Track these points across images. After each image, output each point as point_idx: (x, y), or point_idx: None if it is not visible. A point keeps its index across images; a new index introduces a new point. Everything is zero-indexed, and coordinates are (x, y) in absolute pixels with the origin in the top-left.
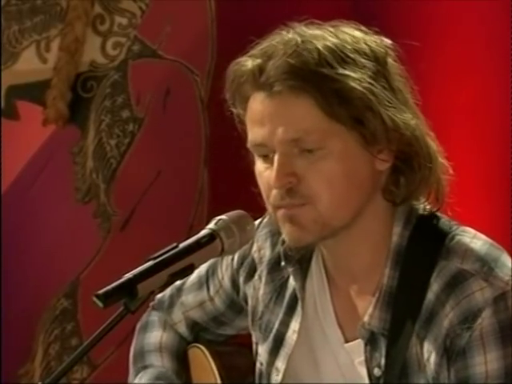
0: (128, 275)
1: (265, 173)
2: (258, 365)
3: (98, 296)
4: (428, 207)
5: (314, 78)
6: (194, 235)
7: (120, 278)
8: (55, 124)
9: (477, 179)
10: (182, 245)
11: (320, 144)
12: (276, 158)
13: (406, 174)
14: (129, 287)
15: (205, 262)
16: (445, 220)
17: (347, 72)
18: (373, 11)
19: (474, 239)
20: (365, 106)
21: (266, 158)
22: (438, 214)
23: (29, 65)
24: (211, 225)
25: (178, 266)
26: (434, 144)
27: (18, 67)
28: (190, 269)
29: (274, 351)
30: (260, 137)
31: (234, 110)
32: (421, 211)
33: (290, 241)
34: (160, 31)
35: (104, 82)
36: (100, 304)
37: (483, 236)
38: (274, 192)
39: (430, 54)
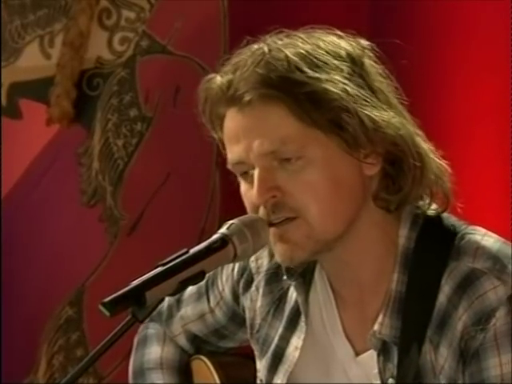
0: (136, 282)
1: (248, 192)
2: (258, 381)
3: (104, 304)
4: (435, 207)
5: (284, 84)
6: (205, 240)
7: (127, 286)
8: (59, 123)
9: (501, 180)
10: (192, 250)
11: (299, 153)
12: (256, 173)
13: (397, 178)
14: (136, 295)
15: (216, 268)
16: (453, 220)
17: (318, 75)
18: (391, 9)
19: (485, 237)
20: (340, 107)
21: (247, 176)
22: (446, 213)
23: (32, 61)
24: (223, 229)
25: (189, 273)
26: (425, 144)
27: (20, 63)
28: (200, 276)
29: (273, 368)
30: (237, 154)
31: (215, 136)
32: (427, 212)
33: (283, 261)
34: (170, 26)
35: (111, 80)
36: (106, 312)
37: (494, 234)
38: (261, 210)
39: (453, 55)
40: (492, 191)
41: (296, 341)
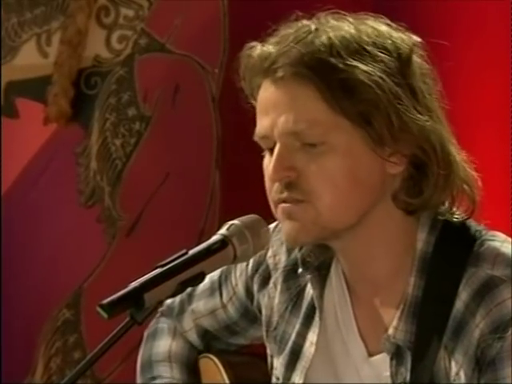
0: (134, 284)
1: (268, 167)
2: (273, 379)
3: (102, 306)
4: (456, 212)
5: (319, 66)
6: (204, 241)
7: (126, 287)
8: (57, 123)
9: (503, 183)
10: (191, 251)
11: (322, 138)
12: (275, 149)
13: (419, 182)
14: (135, 297)
15: (216, 269)
16: (473, 225)
17: (356, 63)
18: (395, 8)
19: (505, 243)
20: (371, 101)
21: (271, 152)
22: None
23: (29, 59)
24: (223, 230)
25: (188, 274)
26: (457, 152)
27: (17, 62)
28: (200, 277)
29: (291, 365)
30: (263, 128)
31: (254, 103)
32: (447, 216)
33: (288, 239)
34: (169, 24)
35: (109, 78)
36: (104, 315)
37: None
38: (275, 186)
39: (455, 55)
40: (493, 191)
41: (311, 336)
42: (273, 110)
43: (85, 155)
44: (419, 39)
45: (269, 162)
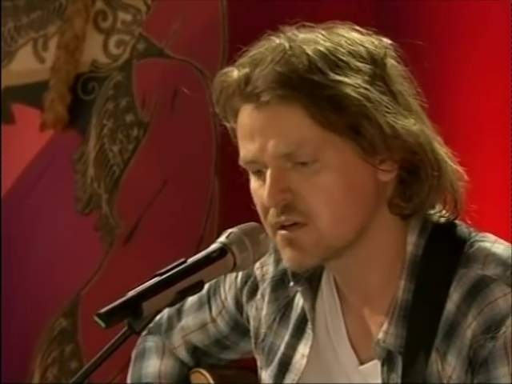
0: (132, 293)
1: (259, 191)
2: None
3: (99, 315)
4: (445, 214)
5: (303, 85)
6: (203, 249)
7: (123, 296)
8: (54, 129)
9: (503, 186)
10: (190, 260)
11: (314, 156)
12: (268, 173)
13: (413, 185)
14: (133, 306)
15: (215, 278)
16: (463, 227)
17: (340, 78)
18: (396, 9)
19: (495, 244)
20: (360, 113)
21: (260, 175)
22: (456, 220)
23: (25, 64)
24: (222, 238)
25: (187, 283)
26: (442, 149)
27: (13, 67)
28: (199, 286)
29: (280, 376)
30: (250, 153)
31: (227, 125)
32: (437, 219)
33: (292, 266)
34: (167, 28)
35: (106, 84)
36: (102, 324)
37: (504, 241)
38: (271, 211)
39: (455, 56)
40: (494, 194)
41: (303, 348)
42: (259, 135)
43: (82, 162)
44: (390, 41)
45: (257, 186)
